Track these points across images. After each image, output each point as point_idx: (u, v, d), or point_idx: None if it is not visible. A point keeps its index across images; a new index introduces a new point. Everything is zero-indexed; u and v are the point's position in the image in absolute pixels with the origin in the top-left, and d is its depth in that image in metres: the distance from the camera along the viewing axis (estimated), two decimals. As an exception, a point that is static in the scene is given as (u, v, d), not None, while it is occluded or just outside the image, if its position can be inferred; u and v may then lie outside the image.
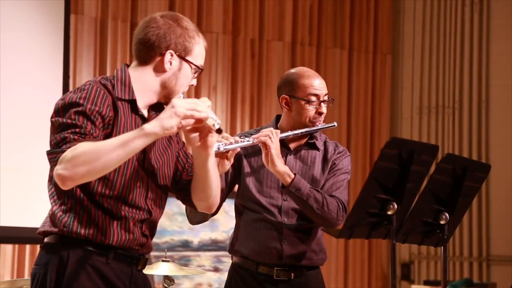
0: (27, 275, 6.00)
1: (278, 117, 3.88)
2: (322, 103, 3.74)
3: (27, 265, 6.07)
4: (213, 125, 2.65)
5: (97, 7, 6.45)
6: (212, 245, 6.75)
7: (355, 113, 7.60)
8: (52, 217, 2.77)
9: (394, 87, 7.82)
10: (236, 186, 3.85)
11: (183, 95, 2.82)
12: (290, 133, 3.69)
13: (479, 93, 7.28)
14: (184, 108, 2.58)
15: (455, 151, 7.25)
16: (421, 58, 7.61)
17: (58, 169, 2.57)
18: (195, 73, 2.86)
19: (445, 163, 3.38)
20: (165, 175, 2.86)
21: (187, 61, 2.82)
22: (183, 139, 2.81)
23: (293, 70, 3.84)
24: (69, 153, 2.56)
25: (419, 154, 3.20)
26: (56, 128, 2.66)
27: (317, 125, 3.74)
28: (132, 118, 2.77)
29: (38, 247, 5.97)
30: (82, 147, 2.56)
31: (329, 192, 3.71)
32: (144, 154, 2.78)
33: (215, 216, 3.93)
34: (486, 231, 7.13)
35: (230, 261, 3.90)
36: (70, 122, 2.63)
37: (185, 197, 2.93)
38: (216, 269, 6.75)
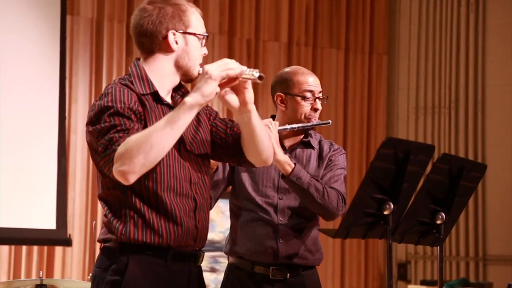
0: (23, 276, 6.00)
1: (272, 117, 3.89)
2: (317, 100, 3.76)
3: (23, 266, 6.07)
4: (252, 75, 2.67)
5: (93, 8, 6.45)
6: (209, 246, 6.75)
7: (351, 113, 7.60)
8: (108, 224, 2.78)
9: (390, 87, 7.83)
10: (230, 187, 3.86)
11: (201, 68, 2.82)
12: (287, 126, 3.70)
13: (475, 93, 7.30)
14: (217, 70, 2.63)
15: (451, 151, 7.26)
16: (417, 58, 7.62)
17: (117, 167, 2.59)
18: (202, 41, 2.87)
19: (441, 163, 3.39)
20: (202, 155, 2.86)
21: (190, 33, 2.83)
22: (226, 106, 2.81)
23: (287, 69, 3.86)
24: (121, 148, 2.59)
25: (415, 154, 3.21)
26: (97, 136, 2.67)
27: (312, 121, 3.76)
28: (159, 109, 2.79)
29: (34, 248, 6.00)
30: (132, 139, 2.59)
31: (328, 184, 3.72)
32: (179, 140, 2.75)
33: (211, 217, 3.93)
34: (482, 230, 7.14)
35: (227, 262, 3.91)
36: (109, 125, 2.66)
37: (240, 160, 2.94)
38: (212, 270, 6.75)
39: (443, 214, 3.39)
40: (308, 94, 3.74)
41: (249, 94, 2.75)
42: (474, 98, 7.30)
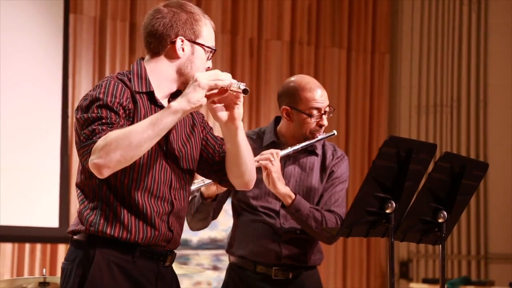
0: (26, 274, 6.02)
1: (276, 119, 3.88)
2: (323, 115, 3.74)
3: (26, 263, 6.09)
4: (238, 87, 2.67)
5: (96, 6, 6.47)
6: (211, 244, 6.76)
7: (353, 112, 7.61)
8: (79, 215, 2.80)
9: (392, 86, 7.84)
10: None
11: None
12: (290, 150, 3.68)
13: (477, 92, 7.30)
14: (207, 79, 2.64)
15: (453, 149, 7.27)
16: (419, 57, 7.63)
17: (93, 159, 2.61)
18: (209, 54, 2.88)
19: (443, 161, 3.39)
20: (189, 163, 2.87)
21: (198, 43, 2.84)
22: (212, 118, 2.83)
23: (294, 79, 3.80)
24: (101, 142, 2.61)
25: (417, 152, 3.21)
26: (82, 124, 2.69)
27: (317, 136, 3.74)
28: (152, 109, 2.80)
29: (37, 245, 6.02)
30: (113, 134, 2.61)
31: (327, 206, 3.73)
32: (166, 144, 2.80)
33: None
34: (484, 229, 7.15)
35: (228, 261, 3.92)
36: (95, 116, 2.67)
37: (222, 178, 2.94)
38: (215, 268, 6.77)
39: (445, 213, 3.40)
40: (315, 112, 3.71)
41: (239, 111, 2.76)
42: (476, 97, 7.30)
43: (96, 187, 2.75)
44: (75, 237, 2.81)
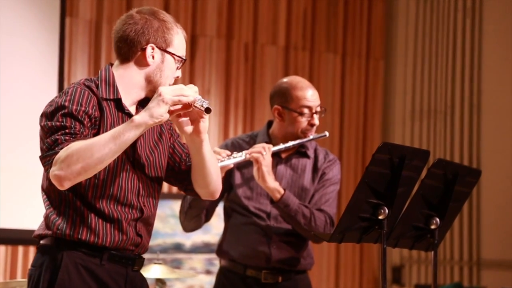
0: (19, 277, 6.01)
1: (269, 123, 3.90)
2: (314, 115, 3.76)
3: (19, 266, 6.08)
4: (201, 105, 2.67)
5: (92, 10, 6.47)
6: (205, 248, 6.77)
7: (347, 117, 7.63)
8: (46, 220, 2.80)
9: (386, 91, 7.86)
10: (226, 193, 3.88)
11: None
12: (282, 146, 3.71)
13: (471, 98, 7.32)
14: (170, 94, 2.62)
15: (447, 155, 7.28)
16: (414, 63, 7.65)
17: (54, 170, 2.60)
18: (178, 64, 2.87)
19: (436, 168, 3.41)
20: (157, 171, 2.87)
21: (169, 52, 2.82)
22: (178, 130, 2.83)
23: (285, 80, 3.85)
24: (62, 153, 2.59)
25: (410, 159, 3.23)
26: (46, 132, 2.69)
27: (309, 136, 3.76)
28: (119, 116, 2.79)
29: (31, 248, 6.00)
30: (75, 146, 2.59)
31: (317, 205, 3.74)
32: (134, 152, 2.79)
33: (208, 219, 3.95)
34: (476, 235, 7.17)
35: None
36: (59, 125, 2.66)
37: (187, 187, 2.95)
38: (208, 272, 6.77)
39: (438, 219, 3.41)
40: (306, 110, 3.74)
41: (204, 124, 2.75)
42: (470, 103, 7.32)
43: (62, 193, 2.74)
44: (41, 241, 2.81)
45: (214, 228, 6.69)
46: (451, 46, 7.41)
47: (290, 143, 3.72)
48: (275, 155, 3.78)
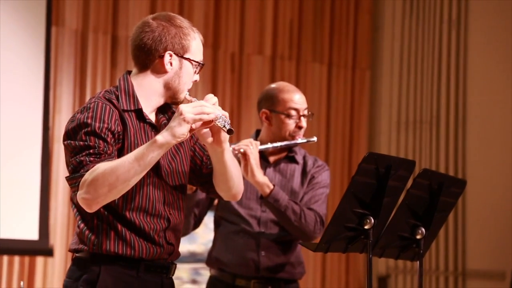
0: (4, 286, 5.98)
1: (257, 132, 3.91)
2: (302, 117, 3.78)
3: (4, 276, 6.05)
4: (224, 126, 2.69)
5: (78, 19, 6.46)
6: (191, 258, 6.76)
7: (333, 127, 7.65)
8: (80, 235, 2.80)
9: (372, 102, 7.88)
10: (216, 200, 3.88)
11: (188, 93, 2.85)
12: (269, 145, 3.72)
13: (456, 108, 7.35)
14: (192, 113, 2.64)
15: (432, 166, 7.30)
16: (400, 74, 7.68)
17: (81, 194, 2.61)
18: (196, 68, 2.87)
19: (421, 178, 3.42)
20: (180, 176, 2.88)
21: (186, 58, 2.84)
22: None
23: (273, 85, 3.88)
24: (88, 176, 2.60)
25: (396, 169, 3.24)
26: (70, 151, 2.69)
27: (297, 139, 3.78)
28: (141, 126, 2.80)
29: (15, 257, 5.98)
30: (100, 169, 2.59)
31: (307, 205, 3.74)
32: (157, 161, 2.78)
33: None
34: (462, 245, 7.19)
35: (209, 274, 3.92)
36: (83, 144, 2.66)
37: (209, 190, 2.98)
38: (194, 281, 6.76)
39: (423, 229, 3.42)
40: (293, 112, 3.76)
41: (224, 135, 2.76)
42: (455, 114, 7.35)
43: None
44: (77, 255, 2.81)
45: (201, 237, 6.68)
46: (436, 57, 7.44)
47: (278, 144, 3.73)
48: (264, 160, 3.78)
